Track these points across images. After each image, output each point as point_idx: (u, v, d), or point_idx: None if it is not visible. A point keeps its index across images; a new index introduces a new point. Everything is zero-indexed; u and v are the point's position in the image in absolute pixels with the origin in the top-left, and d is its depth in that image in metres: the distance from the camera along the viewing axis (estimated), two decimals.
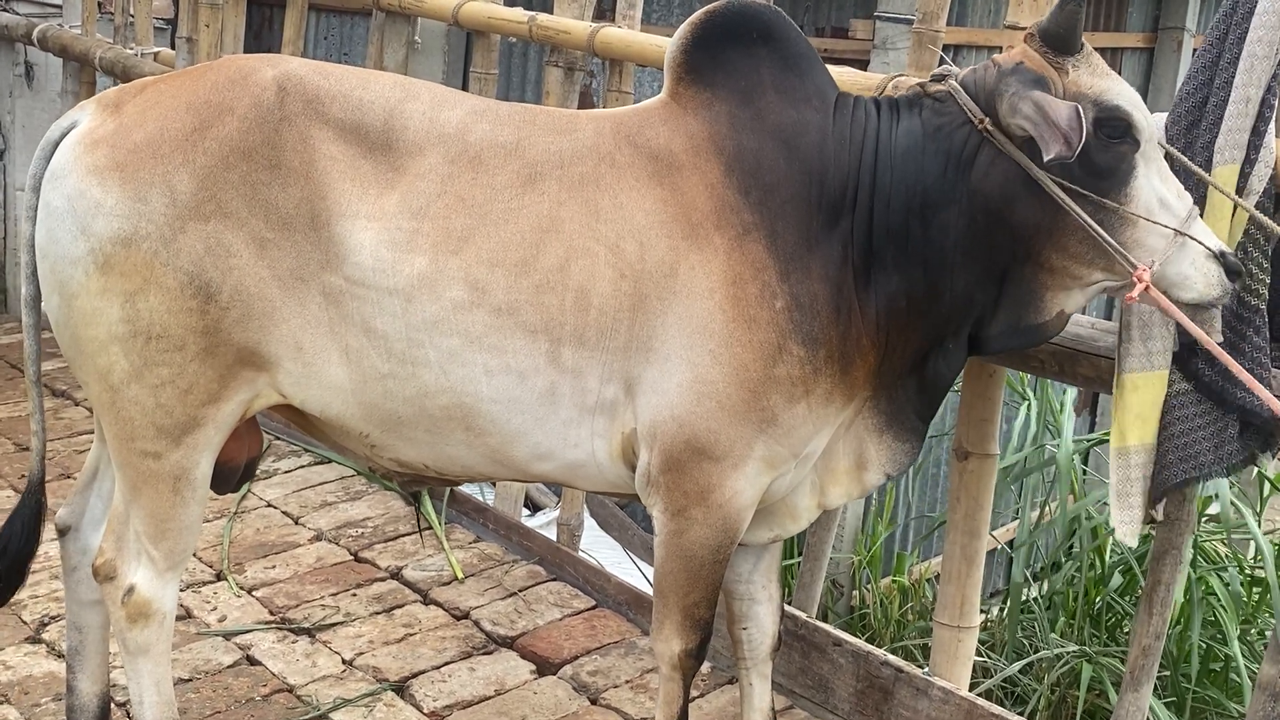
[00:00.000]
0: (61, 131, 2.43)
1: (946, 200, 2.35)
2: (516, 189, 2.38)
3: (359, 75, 2.48)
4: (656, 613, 2.56)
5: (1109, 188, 2.29)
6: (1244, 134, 2.49)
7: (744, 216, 2.35)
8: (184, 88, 2.41)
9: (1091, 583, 4.41)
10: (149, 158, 2.33)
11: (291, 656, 3.39)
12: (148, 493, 2.46)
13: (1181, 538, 2.75)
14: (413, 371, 2.39)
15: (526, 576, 3.87)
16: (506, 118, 2.45)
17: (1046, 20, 2.29)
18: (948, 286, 2.39)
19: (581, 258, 2.35)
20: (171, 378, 2.37)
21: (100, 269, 2.32)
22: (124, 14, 5.52)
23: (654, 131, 2.42)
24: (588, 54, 3.80)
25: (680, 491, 2.42)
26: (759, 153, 2.38)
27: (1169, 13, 7.73)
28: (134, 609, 2.54)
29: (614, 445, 2.46)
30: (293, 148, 2.35)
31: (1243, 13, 2.55)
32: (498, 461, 2.50)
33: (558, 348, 2.36)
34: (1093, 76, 2.30)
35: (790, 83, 2.42)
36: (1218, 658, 4.22)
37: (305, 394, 2.44)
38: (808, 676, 3.27)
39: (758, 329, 2.34)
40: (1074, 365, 2.72)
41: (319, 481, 4.41)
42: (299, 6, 4.75)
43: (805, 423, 2.41)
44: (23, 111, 6.17)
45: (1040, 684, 4.07)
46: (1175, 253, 2.29)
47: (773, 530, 2.67)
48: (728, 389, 2.35)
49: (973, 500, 2.99)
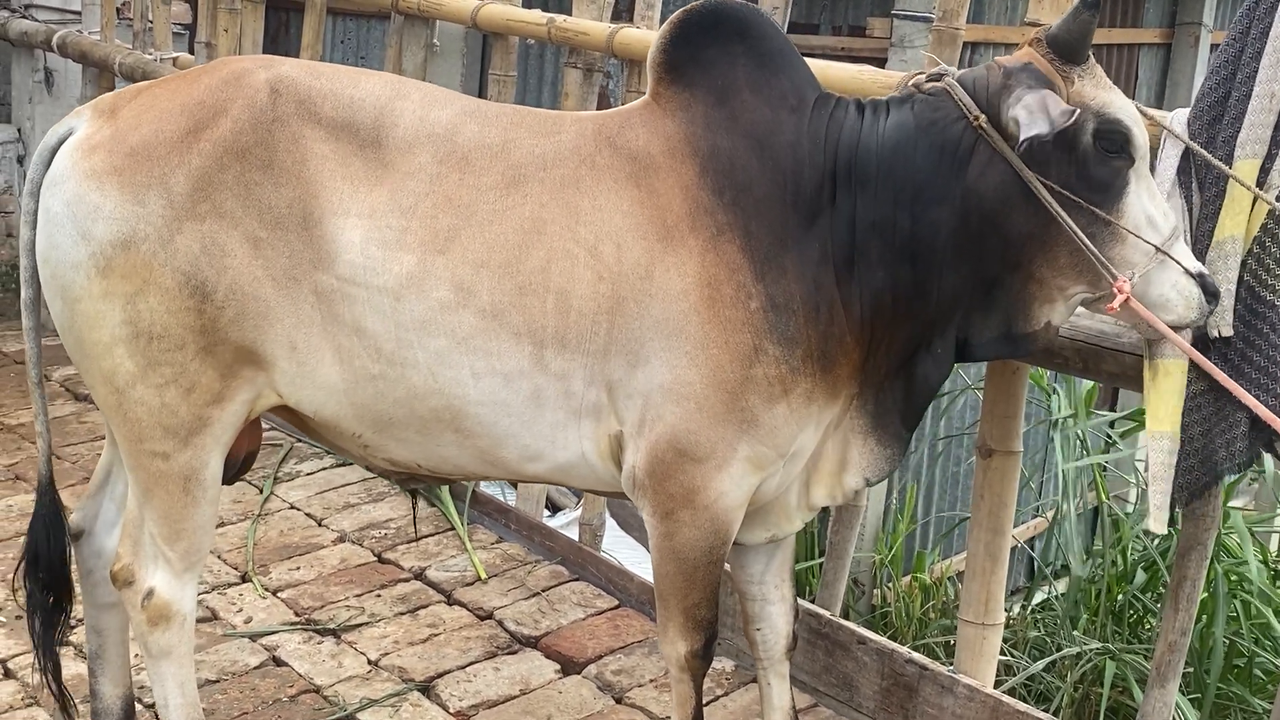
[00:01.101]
0: (59, 138, 2.45)
1: (939, 197, 2.34)
2: (501, 190, 2.38)
3: (350, 74, 2.49)
4: (660, 616, 2.56)
5: (1102, 200, 2.29)
6: (1267, 129, 2.48)
7: (718, 217, 2.35)
8: (178, 91, 2.43)
9: (1114, 579, 4.41)
10: (145, 161, 2.34)
11: (317, 657, 3.40)
12: (159, 494, 2.48)
13: (1208, 533, 2.74)
14: (402, 373, 2.40)
15: (549, 576, 3.88)
16: (495, 118, 2.46)
17: (1057, 27, 2.28)
18: (935, 285, 2.37)
19: (562, 260, 2.35)
20: (174, 377, 2.39)
21: (101, 272, 2.34)
22: (143, 19, 5.55)
23: (634, 133, 2.42)
24: (606, 55, 3.81)
25: (666, 494, 2.42)
26: (732, 153, 2.37)
27: (1186, 8, 7.71)
28: (154, 612, 2.55)
29: (603, 447, 2.46)
30: (285, 148, 2.36)
31: (1265, 7, 2.54)
32: (489, 462, 2.51)
33: (541, 350, 2.37)
34: (1096, 88, 2.30)
35: (766, 81, 2.41)
36: (1241, 653, 4.21)
37: (300, 394, 2.45)
38: (832, 675, 3.27)
39: (733, 330, 2.33)
40: (1098, 361, 2.72)
41: (341, 483, 4.43)
42: (318, 10, 4.76)
43: (788, 423, 2.40)
44: (43, 118, 6.19)
45: (1063, 682, 4.07)
46: (1156, 272, 2.30)
47: (768, 530, 2.66)
48: (705, 391, 2.35)
49: (996, 497, 2.99)
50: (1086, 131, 2.27)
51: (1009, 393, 2.96)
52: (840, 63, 3.14)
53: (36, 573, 2.65)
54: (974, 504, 3.04)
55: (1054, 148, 2.27)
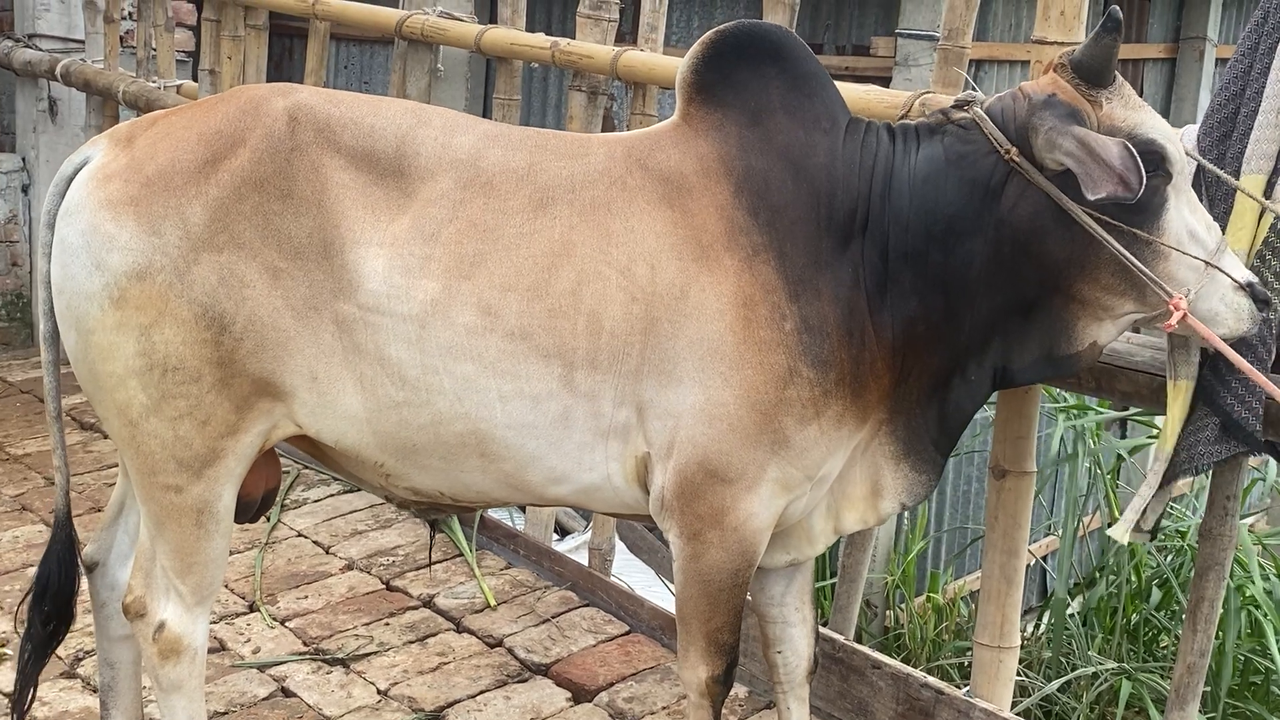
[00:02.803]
0: (75, 167, 2.44)
1: (972, 229, 2.33)
2: (529, 213, 2.37)
3: (370, 102, 2.48)
4: (681, 640, 2.54)
5: (1142, 221, 2.26)
6: (1273, 145, 2.47)
7: (753, 238, 2.34)
8: (195, 120, 2.41)
9: (1129, 598, 4.38)
10: (162, 190, 2.33)
11: (326, 687, 3.38)
12: (171, 527, 2.46)
13: (1225, 553, 2.72)
14: (427, 399, 2.38)
15: (559, 602, 3.85)
16: (519, 142, 2.45)
17: (1080, 52, 2.26)
18: (969, 314, 2.37)
19: (593, 281, 2.34)
20: (189, 410, 2.37)
21: (115, 303, 2.32)
22: (146, 48, 5.56)
23: (664, 154, 2.41)
24: (610, 78, 3.80)
25: (694, 515, 2.40)
26: (767, 174, 2.37)
27: (1190, 23, 7.71)
28: (165, 645, 2.53)
29: (628, 468, 2.44)
30: (305, 177, 2.35)
31: (1273, 23, 2.53)
32: (513, 486, 2.49)
33: (571, 372, 2.35)
34: (1126, 110, 2.27)
35: (799, 103, 2.41)
36: (1258, 670, 4.18)
37: (320, 424, 2.43)
38: (847, 700, 3.24)
39: (768, 351, 2.32)
40: (1112, 381, 2.70)
41: (349, 510, 4.41)
42: (321, 36, 4.76)
43: (818, 445, 2.39)
44: (47, 147, 6.20)
45: (1079, 702, 4.03)
46: (1205, 286, 2.28)
47: (789, 553, 2.64)
48: (739, 411, 2.34)
49: (1010, 519, 2.96)
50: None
51: (1021, 413, 2.93)
52: (846, 82, 3.12)
53: (42, 605, 2.63)
54: (988, 525, 3.01)
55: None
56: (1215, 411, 2.50)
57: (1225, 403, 2.48)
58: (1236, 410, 2.47)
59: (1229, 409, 2.48)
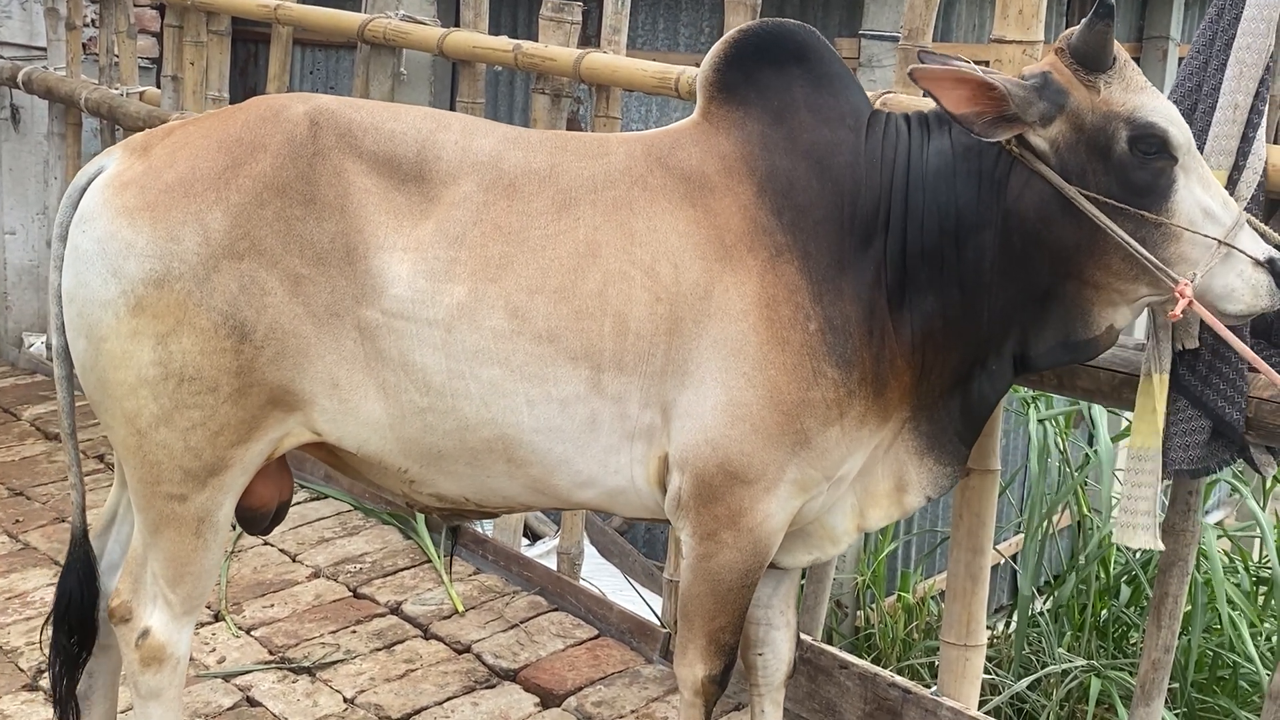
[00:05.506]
0: (88, 177, 2.41)
1: (981, 222, 2.33)
2: (552, 215, 2.36)
3: (390, 108, 2.47)
4: (680, 637, 2.53)
5: (1149, 203, 2.25)
6: (1233, 140, 2.48)
7: (777, 238, 2.34)
8: (214, 127, 2.40)
9: (1097, 595, 4.39)
10: (181, 197, 2.30)
11: (292, 696, 3.35)
12: (169, 535, 2.43)
13: (1188, 549, 2.73)
14: (452, 404, 2.36)
15: (528, 607, 3.84)
16: (538, 144, 2.45)
17: (1076, 39, 2.25)
18: (985, 306, 2.36)
19: (618, 282, 2.33)
20: (203, 420, 2.34)
21: (131, 311, 2.29)
22: (108, 54, 5.52)
23: (686, 153, 2.40)
24: (574, 80, 3.79)
25: (711, 515, 2.39)
26: (791, 173, 2.36)
27: (1153, 22, 7.75)
28: (148, 652, 2.51)
29: (650, 470, 2.43)
30: (327, 181, 2.33)
31: (1229, 19, 2.54)
32: (539, 491, 2.47)
33: (598, 374, 2.34)
34: (1125, 92, 2.25)
35: (823, 102, 2.40)
36: (1226, 664, 4.19)
37: (342, 431, 2.41)
38: (815, 701, 3.23)
39: (791, 351, 2.32)
40: (1072, 378, 2.70)
41: (315, 518, 4.38)
42: (284, 41, 4.74)
43: (838, 445, 2.39)
44: (9, 154, 6.15)
45: (1049, 700, 4.04)
46: (1219, 264, 2.24)
47: (811, 553, 2.64)
48: (762, 412, 2.33)
49: (975, 517, 2.96)
50: (1120, 140, 2.23)
51: None
52: None
53: (65, 623, 2.60)
54: (953, 524, 3.01)
55: (1090, 158, 2.26)
56: (1205, 414, 2.48)
57: (1215, 404, 2.45)
58: (1226, 411, 2.45)
59: (1220, 411, 2.45)
